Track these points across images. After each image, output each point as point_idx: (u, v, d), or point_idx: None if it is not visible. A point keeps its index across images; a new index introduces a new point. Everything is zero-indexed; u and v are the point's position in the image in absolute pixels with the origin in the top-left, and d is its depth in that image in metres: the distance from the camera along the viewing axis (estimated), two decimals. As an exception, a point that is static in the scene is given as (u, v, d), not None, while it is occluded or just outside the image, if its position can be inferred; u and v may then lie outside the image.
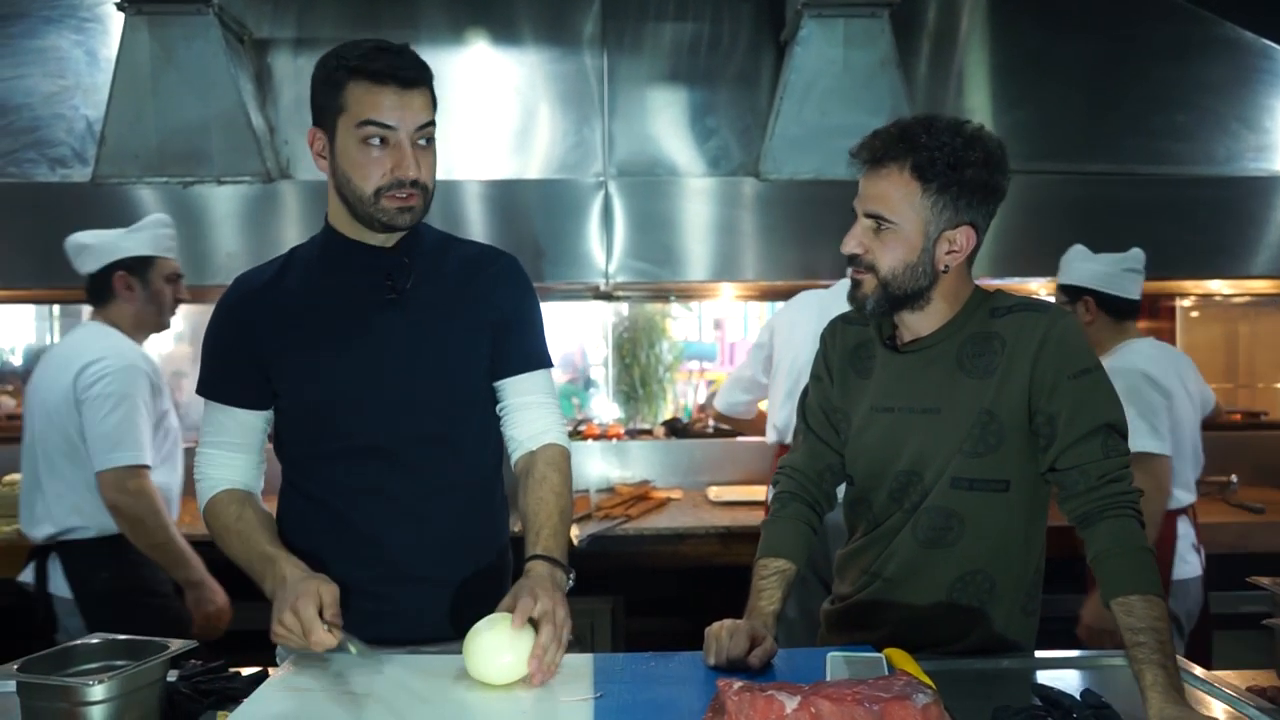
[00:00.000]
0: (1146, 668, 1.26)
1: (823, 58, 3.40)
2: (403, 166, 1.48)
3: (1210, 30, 3.75)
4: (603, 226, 3.41)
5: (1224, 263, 3.56)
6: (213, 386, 1.61)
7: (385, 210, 1.50)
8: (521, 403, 1.64)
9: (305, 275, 1.60)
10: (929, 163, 1.45)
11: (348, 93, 1.47)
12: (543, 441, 1.63)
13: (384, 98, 1.46)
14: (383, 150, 1.48)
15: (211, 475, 1.61)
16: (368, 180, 1.48)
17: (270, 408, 1.61)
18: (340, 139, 1.50)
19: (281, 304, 1.57)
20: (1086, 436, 1.43)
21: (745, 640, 1.41)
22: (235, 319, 1.59)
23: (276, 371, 1.57)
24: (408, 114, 1.48)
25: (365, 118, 1.46)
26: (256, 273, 1.64)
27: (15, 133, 3.49)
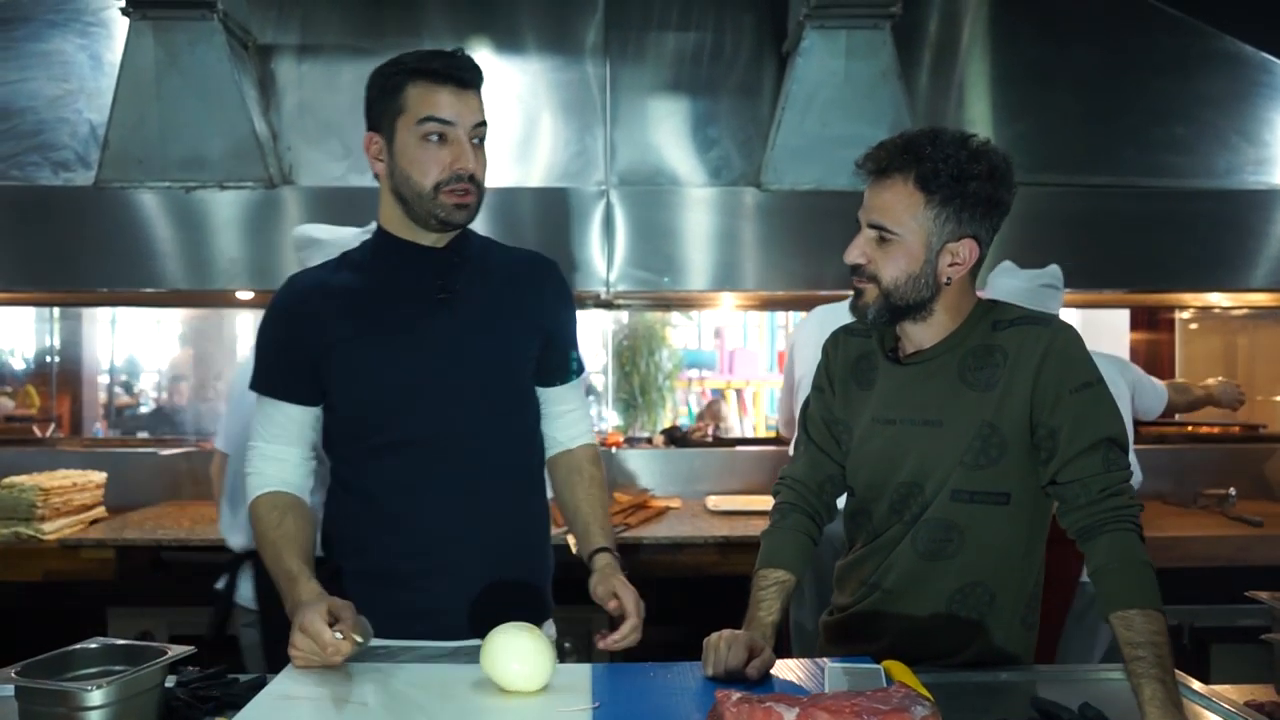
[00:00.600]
0: (1145, 682, 1.26)
1: (824, 69, 3.41)
2: (461, 160, 1.54)
3: (1210, 44, 3.76)
4: (604, 235, 3.42)
5: (1223, 275, 3.57)
6: (266, 382, 1.65)
7: (443, 205, 1.56)
8: (561, 410, 1.76)
9: (358, 275, 1.65)
10: (933, 174, 1.45)
11: (407, 94, 1.54)
12: (580, 441, 1.78)
13: (442, 96, 1.53)
14: (441, 146, 1.54)
15: (262, 471, 1.64)
16: (427, 175, 1.55)
17: (320, 404, 1.64)
18: (399, 139, 1.56)
19: (334, 302, 1.61)
20: (1087, 450, 1.43)
21: (743, 651, 1.41)
22: (289, 317, 1.63)
23: (328, 367, 1.60)
24: (465, 111, 1.55)
25: (425, 114, 1.53)
26: (309, 273, 1.70)
27: (19, 136, 3.50)
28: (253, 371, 1.66)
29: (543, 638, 1.35)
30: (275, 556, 1.55)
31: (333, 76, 3.66)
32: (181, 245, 3.37)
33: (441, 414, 1.59)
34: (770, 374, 9.21)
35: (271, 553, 1.56)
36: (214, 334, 5.91)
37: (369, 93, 1.60)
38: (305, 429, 1.65)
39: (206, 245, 3.37)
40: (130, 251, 3.35)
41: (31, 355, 5.84)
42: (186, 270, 3.38)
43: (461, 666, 1.41)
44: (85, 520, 3.19)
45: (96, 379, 5.96)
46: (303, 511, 1.62)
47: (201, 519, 3.25)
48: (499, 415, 1.65)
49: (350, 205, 3.46)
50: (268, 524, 1.58)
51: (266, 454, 1.64)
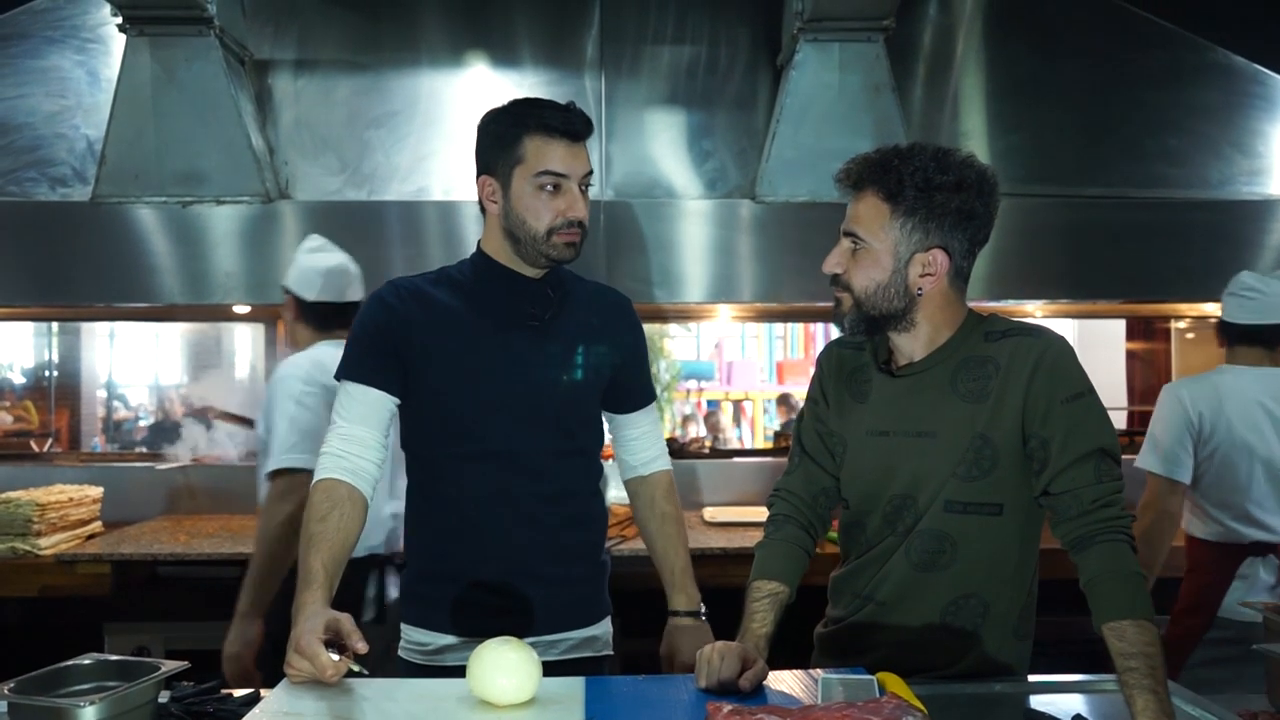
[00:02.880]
0: (1137, 693, 1.26)
1: (818, 81, 3.44)
2: (575, 209, 1.68)
3: (1203, 56, 3.78)
4: (600, 247, 3.43)
5: (1218, 286, 3.55)
6: (352, 369, 1.72)
7: (555, 246, 1.69)
8: (635, 433, 1.92)
9: (457, 293, 1.76)
10: (898, 186, 1.49)
11: (524, 146, 1.67)
12: (654, 468, 1.93)
13: (558, 150, 1.67)
14: (555, 195, 1.67)
15: (334, 449, 1.68)
16: (541, 221, 1.67)
17: (399, 396, 1.72)
18: (516, 186, 1.68)
19: (433, 311, 1.72)
20: (1079, 461, 1.44)
21: (737, 662, 1.41)
22: (389, 312, 1.72)
23: (419, 372, 1.71)
24: (577, 164, 1.68)
25: (543, 168, 1.66)
26: (410, 280, 1.78)
27: (16, 152, 3.52)
28: (341, 362, 1.73)
29: (527, 650, 1.35)
30: (304, 549, 1.60)
31: (329, 91, 3.67)
32: (179, 260, 3.38)
33: (521, 431, 1.71)
34: (768, 385, 9.24)
35: (303, 543, 1.61)
36: (212, 348, 5.92)
37: (482, 138, 1.73)
38: (384, 413, 1.72)
39: (204, 260, 3.38)
40: (127, 266, 3.36)
41: (29, 370, 5.85)
42: (184, 285, 3.39)
43: (452, 682, 1.41)
44: (82, 535, 3.19)
45: (94, 393, 5.97)
46: (353, 510, 1.65)
47: (198, 533, 3.25)
48: (571, 436, 1.77)
49: (347, 219, 3.48)
50: (315, 513, 1.63)
51: (345, 433, 1.69)
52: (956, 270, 1.54)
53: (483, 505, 1.71)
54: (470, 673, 1.34)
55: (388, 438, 1.74)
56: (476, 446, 1.71)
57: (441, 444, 1.74)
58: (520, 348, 1.72)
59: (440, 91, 3.69)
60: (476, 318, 1.73)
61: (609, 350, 1.80)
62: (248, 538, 3.16)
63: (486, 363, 1.70)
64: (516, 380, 1.71)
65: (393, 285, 1.76)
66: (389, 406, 1.72)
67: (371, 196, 3.60)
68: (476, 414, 1.70)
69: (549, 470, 1.73)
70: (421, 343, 1.70)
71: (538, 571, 1.72)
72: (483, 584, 1.70)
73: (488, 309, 1.74)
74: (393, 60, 3.70)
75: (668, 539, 1.89)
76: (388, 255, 3.43)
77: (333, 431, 1.70)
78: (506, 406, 1.71)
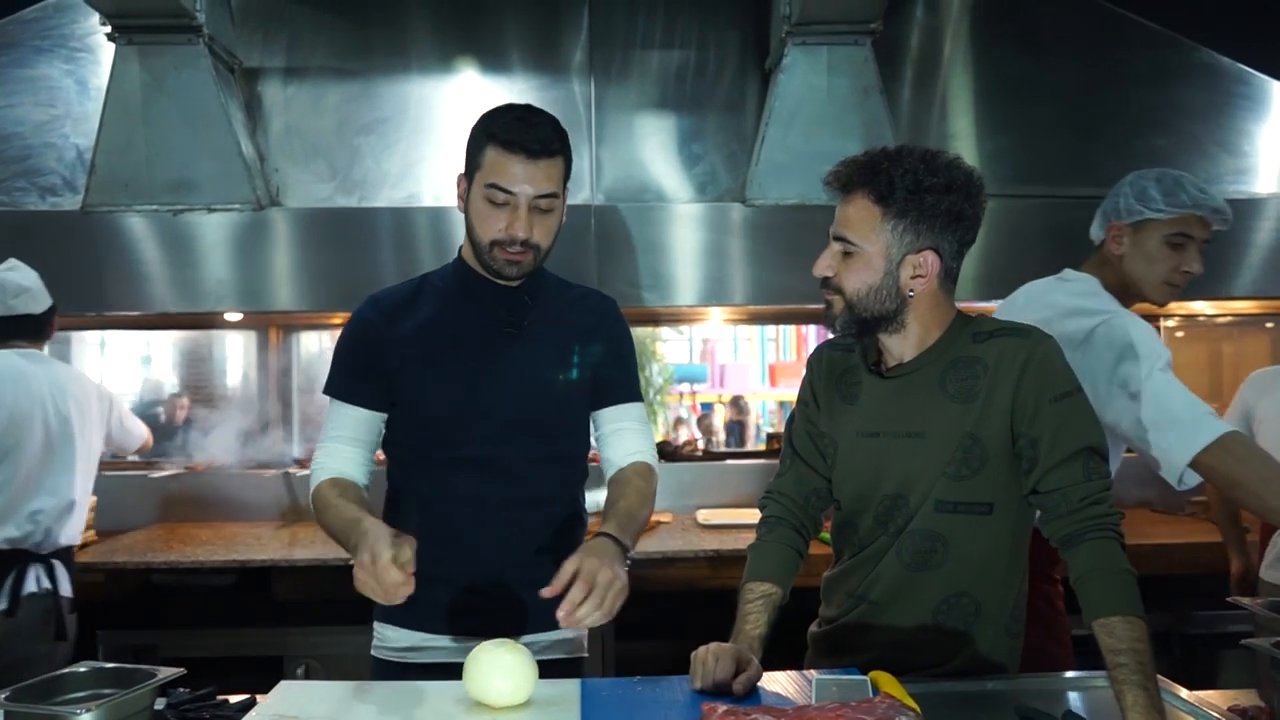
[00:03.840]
0: (1127, 689, 1.27)
1: (807, 84, 3.45)
2: (514, 226, 1.65)
3: (1189, 56, 3.80)
4: (591, 252, 3.44)
5: (1206, 284, 3.57)
6: (340, 387, 1.77)
7: (496, 259, 1.69)
8: (617, 429, 1.84)
9: (437, 300, 1.78)
10: (889, 188, 1.50)
11: (484, 154, 1.66)
12: (633, 460, 1.82)
13: (511, 166, 1.63)
14: (500, 209, 1.66)
15: (326, 465, 1.75)
16: (486, 232, 1.67)
17: (386, 411, 1.77)
18: (473, 191, 1.69)
19: (413, 323, 1.75)
20: (1068, 459, 1.45)
21: (731, 664, 1.42)
22: (366, 328, 1.76)
23: (400, 383, 1.73)
24: (529, 183, 1.64)
25: (491, 181, 1.64)
26: (391, 292, 1.81)
27: (6, 161, 3.51)
28: (327, 378, 1.78)
29: (523, 652, 1.36)
30: (337, 514, 1.63)
31: (319, 98, 3.68)
32: (170, 268, 3.38)
33: (497, 438, 1.72)
34: (761, 386, 9.25)
35: (332, 513, 1.64)
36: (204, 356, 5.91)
37: (468, 138, 1.72)
38: (371, 431, 1.77)
39: (195, 268, 3.38)
40: (118, 275, 3.36)
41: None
42: (175, 293, 3.38)
43: (449, 684, 1.42)
44: (75, 544, 3.18)
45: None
46: (360, 493, 1.72)
47: (191, 541, 3.24)
48: (550, 442, 1.77)
49: (337, 226, 3.49)
50: (328, 500, 1.68)
51: (333, 451, 1.75)
52: (946, 271, 1.55)
53: (457, 508, 1.72)
54: (467, 675, 1.35)
55: (374, 452, 1.79)
56: (452, 453, 1.73)
57: (418, 449, 1.76)
58: (497, 355, 1.73)
59: (430, 98, 3.70)
60: (453, 326, 1.75)
61: (589, 354, 1.81)
62: (241, 545, 3.16)
63: (462, 370, 1.72)
64: (489, 388, 1.72)
65: (372, 300, 1.80)
66: (375, 424, 1.77)
67: (362, 203, 3.60)
68: (452, 421, 1.72)
69: (526, 475, 1.74)
70: (400, 353, 1.73)
71: (511, 574, 1.73)
72: (454, 584, 1.71)
73: (464, 316, 1.76)
74: (382, 67, 3.70)
75: (618, 497, 1.73)
76: (379, 261, 3.43)
77: (321, 449, 1.77)
78: (480, 414, 1.71)
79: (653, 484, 1.81)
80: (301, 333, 4.37)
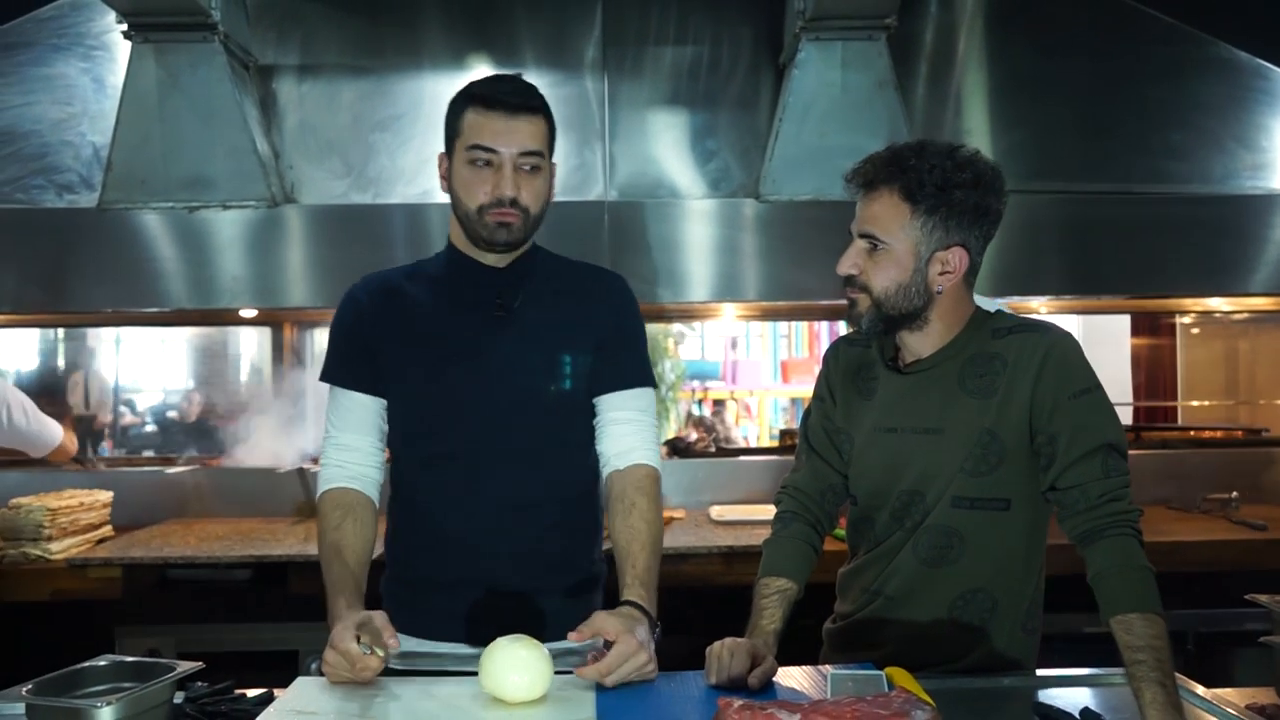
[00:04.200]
0: (1145, 686, 1.27)
1: (821, 80, 3.44)
2: (501, 185, 1.59)
3: (1206, 50, 3.77)
4: (604, 248, 3.44)
5: (1222, 280, 3.58)
6: (335, 372, 1.72)
7: (486, 225, 1.61)
8: (614, 418, 1.70)
9: (426, 286, 1.71)
10: (918, 185, 1.48)
11: (463, 119, 1.62)
12: (631, 460, 1.67)
13: (490, 123, 1.59)
14: (485, 170, 1.59)
15: (333, 460, 1.70)
16: (472, 198, 1.60)
17: (384, 396, 1.70)
18: (455, 161, 1.63)
19: (402, 309, 1.69)
20: (1087, 456, 1.45)
21: (746, 659, 1.42)
22: (359, 312, 1.70)
23: (388, 371, 1.68)
24: (512, 140, 1.59)
25: (473, 142, 1.59)
26: (384, 275, 1.75)
27: (23, 159, 3.53)
28: (324, 364, 1.73)
29: (539, 647, 1.36)
30: (326, 561, 1.61)
31: (333, 96, 3.68)
32: (185, 265, 3.39)
33: (490, 430, 1.63)
34: (774, 383, 9.23)
35: (324, 555, 1.62)
36: (219, 352, 5.94)
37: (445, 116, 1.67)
38: (375, 417, 1.71)
39: (210, 264, 3.39)
40: (134, 272, 3.38)
41: (38, 376, 5.87)
42: (190, 289, 3.40)
43: (464, 680, 1.42)
44: (92, 539, 3.20)
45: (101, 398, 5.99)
46: (364, 514, 1.67)
47: (208, 536, 3.26)
48: (549, 433, 1.67)
49: (352, 223, 3.50)
50: (328, 523, 1.64)
51: (340, 443, 1.70)
52: (970, 267, 1.55)
53: (452, 510, 1.65)
54: (482, 670, 1.35)
55: (383, 439, 1.72)
56: (441, 448, 1.65)
57: (410, 445, 1.70)
58: (484, 342, 1.64)
59: (443, 94, 3.63)
60: (440, 312, 1.68)
61: (587, 335, 1.68)
62: (256, 540, 3.18)
63: (447, 359, 1.64)
64: (476, 378, 1.63)
65: (365, 281, 1.75)
66: (377, 410, 1.70)
67: (376, 199, 3.61)
68: (437, 413, 1.65)
69: (519, 473, 1.64)
70: (390, 340, 1.67)
71: (515, 579, 1.64)
72: (458, 590, 1.64)
73: (452, 302, 1.68)
74: (395, 64, 3.71)
75: (632, 533, 1.59)
76: (393, 257, 3.43)
77: (328, 441, 1.71)
78: (469, 405, 1.63)
79: (659, 499, 1.67)
80: (316, 329, 4.39)
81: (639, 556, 1.58)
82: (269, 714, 1.30)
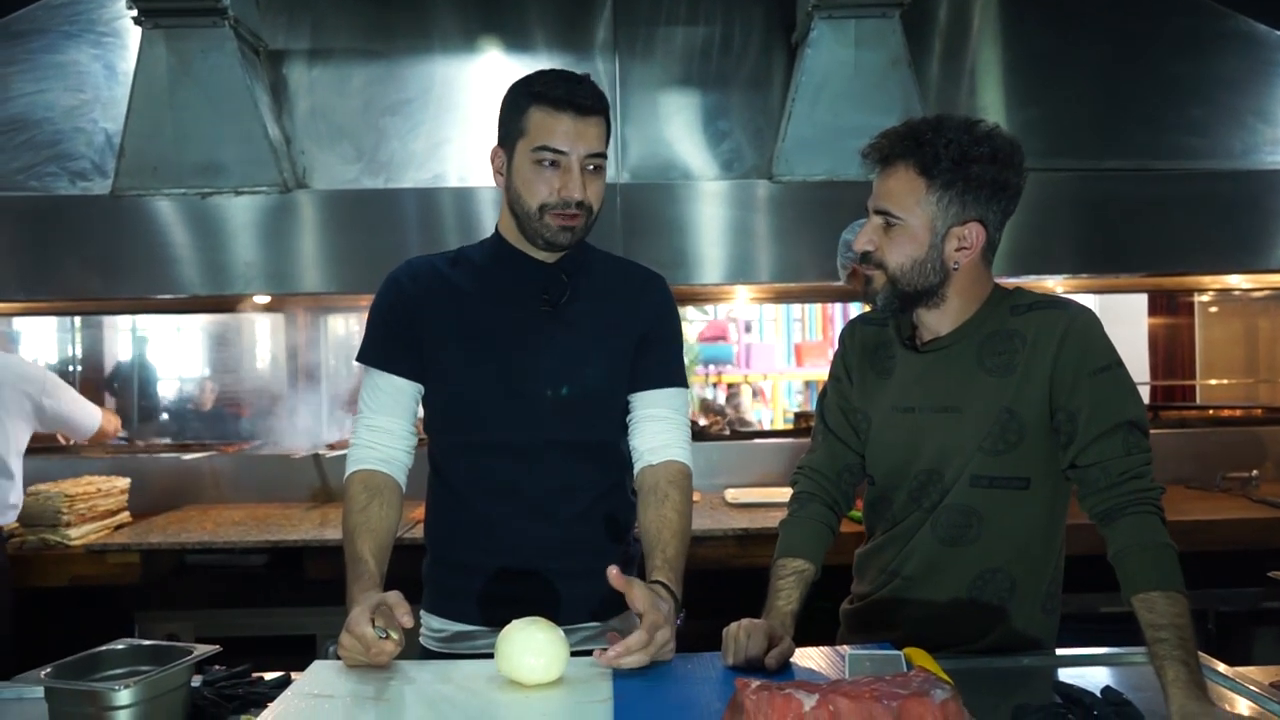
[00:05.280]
0: (1168, 664, 1.25)
1: (834, 59, 3.41)
2: (569, 187, 1.58)
3: (1223, 24, 3.72)
4: (617, 230, 3.42)
5: (1242, 257, 3.54)
6: (373, 353, 1.70)
7: (548, 226, 1.60)
8: (649, 415, 1.71)
9: (472, 275, 1.70)
10: (934, 159, 1.46)
11: (528, 117, 1.58)
12: (665, 456, 1.69)
13: (560, 124, 1.56)
14: (552, 171, 1.58)
15: (364, 441, 1.69)
16: (535, 197, 1.59)
17: (421, 381, 1.70)
18: (517, 159, 1.61)
19: (447, 295, 1.68)
20: (1108, 433, 1.43)
21: (763, 640, 1.41)
22: (404, 294, 1.69)
23: (430, 357, 1.67)
24: (580, 141, 1.58)
25: (541, 143, 1.57)
26: (428, 260, 1.74)
27: (36, 146, 3.54)
28: (361, 345, 1.71)
29: (555, 630, 1.36)
30: (349, 539, 1.61)
31: (344, 80, 3.68)
32: (198, 251, 3.40)
33: (531, 422, 1.65)
34: (788, 366, 9.21)
35: (348, 535, 1.62)
36: (233, 339, 5.96)
37: (501, 108, 1.65)
38: (410, 400, 1.70)
39: (223, 250, 3.40)
40: (148, 259, 3.39)
41: (55, 363, 5.90)
42: (204, 276, 3.41)
43: (481, 662, 1.42)
44: (110, 525, 3.22)
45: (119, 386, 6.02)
46: (391, 497, 1.67)
47: (225, 521, 3.28)
48: (587, 425, 1.68)
49: (364, 208, 3.49)
50: (354, 504, 1.64)
51: (373, 424, 1.69)
52: (989, 243, 1.53)
53: (490, 498, 1.67)
54: (498, 652, 1.35)
55: (415, 424, 1.73)
56: (484, 437, 1.66)
57: (450, 432, 1.71)
58: (530, 334, 1.66)
59: (454, 78, 3.69)
60: (487, 302, 1.67)
61: (629, 333, 1.70)
62: (273, 525, 3.19)
63: (493, 350, 1.65)
64: (521, 370, 1.64)
65: (408, 265, 1.73)
66: (413, 393, 1.70)
67: (388, 184, 3.60)
68: (480, 403, 1.65)
69: (557, 464, 1.66)
70: (433, 325, 1.66)
71: (552, 565, 1.67)
72: (496, 575, 1.66)
73: (499, 293, 1.68)
74: (406, 47, 3.69)
75: (663, 521, 1.62)
76: (405, 242, 3.44)
77: (360, 422, 1.70)
78: (511, 397, 1.64)
79: (691, 496, 1.69)
80: (329, 314, 4.40)
81: (670, 544, 1.60)
82: (286, 697, 1.31)
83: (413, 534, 2.57)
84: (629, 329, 1.70)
